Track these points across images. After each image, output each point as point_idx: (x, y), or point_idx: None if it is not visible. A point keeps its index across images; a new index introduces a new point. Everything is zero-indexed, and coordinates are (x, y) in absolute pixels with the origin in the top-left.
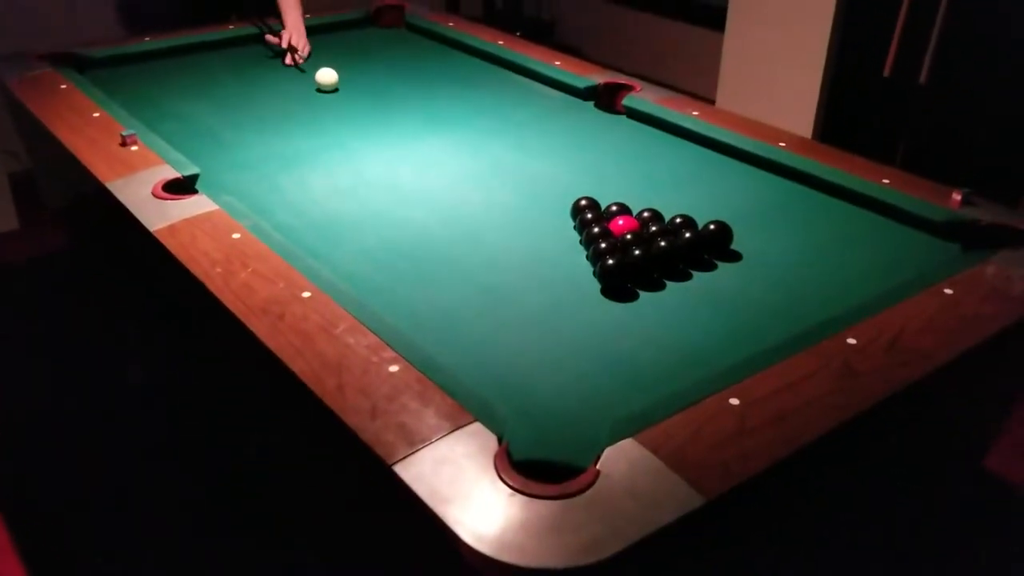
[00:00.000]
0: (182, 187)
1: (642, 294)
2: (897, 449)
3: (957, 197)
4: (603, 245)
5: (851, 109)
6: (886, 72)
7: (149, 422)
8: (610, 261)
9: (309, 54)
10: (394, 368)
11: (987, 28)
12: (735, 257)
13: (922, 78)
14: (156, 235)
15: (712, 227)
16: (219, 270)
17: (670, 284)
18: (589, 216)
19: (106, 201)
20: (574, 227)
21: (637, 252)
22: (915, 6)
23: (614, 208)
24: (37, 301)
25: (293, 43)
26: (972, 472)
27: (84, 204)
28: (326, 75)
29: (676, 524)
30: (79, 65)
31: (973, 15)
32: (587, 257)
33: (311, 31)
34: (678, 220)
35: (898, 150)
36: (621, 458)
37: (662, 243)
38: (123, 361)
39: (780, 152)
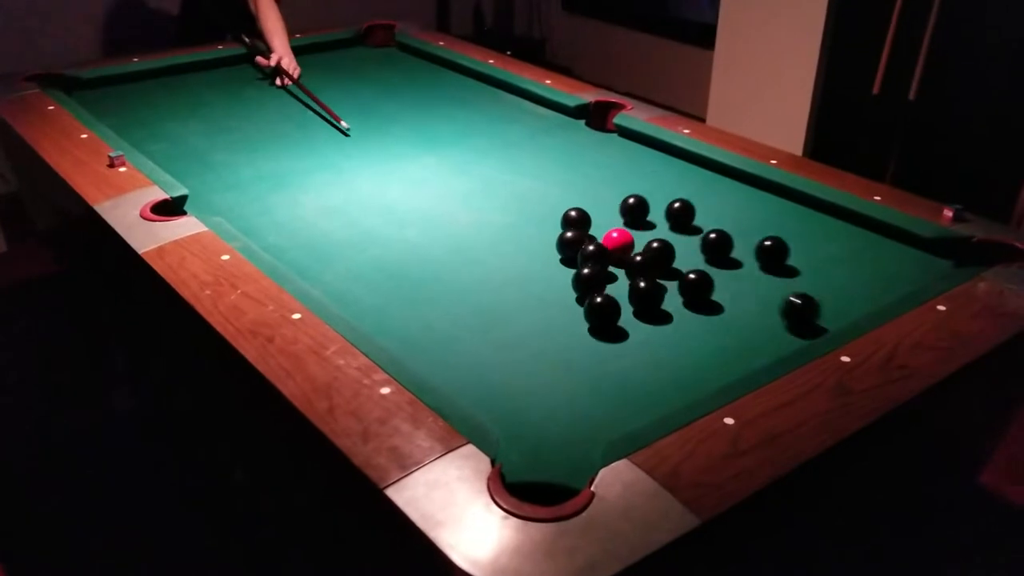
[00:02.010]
0: (171, 208)
1: (634, 313)
2: (892, 465)
3: (949, 214)
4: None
5: (841, 126)
6: (875, 89)
7: (137, 444)
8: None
9: (299, 76)
10: (386, 390)
11: (974, 44)
12: (728, 274)
13: (911, 95)
14: (144, 257)
15: (712, 235)
16: (208, 292)
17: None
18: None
19: (94, 223)
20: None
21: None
22: (903, 23)
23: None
24: (25, 324)
25: (283, 65)
26: (968, 488)
27: (72, 226)
28: None
29: (672, 546)
30: (67, 86)
31: (960, 31)
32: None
33: (301, 50)
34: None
35: (888, 167)
36: (615, 480)
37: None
38: (112, 384)
39: (771, 169)
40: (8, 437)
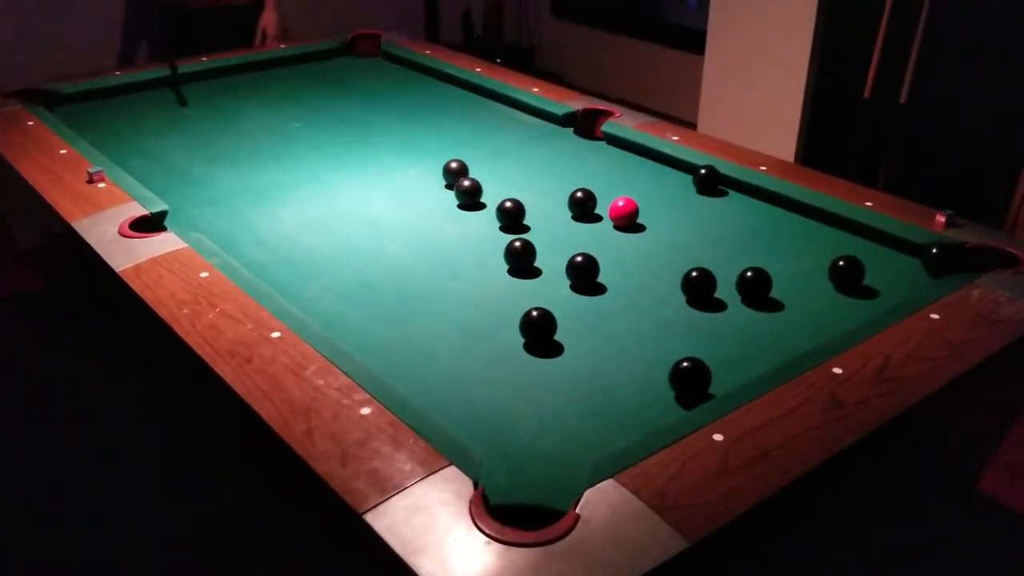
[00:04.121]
0: (150, 225)
1: (622, 327)
2: (888, 477)
3: (941, 219)
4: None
5: (832, 130)
6: (866, 93)
7: (126, 457)
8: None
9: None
10: (366, 411)
11: (964, 47)
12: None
13: (902, 98)
14: (121, 275)
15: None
16: (186, 311)
17: (649, 316)
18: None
19: (73, 240)
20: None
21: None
22: (893, 26)
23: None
24: (10, 343)
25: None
26: (966, 496)
27: (54, 243)
28: None
29: (659, 569)
30: (48, 101)
31: (950, 34)
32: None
33: (286, 61)
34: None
35: (880, 171)
36: (601, 501)
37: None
38: (98, 401)
39: (761, 176)
40: None
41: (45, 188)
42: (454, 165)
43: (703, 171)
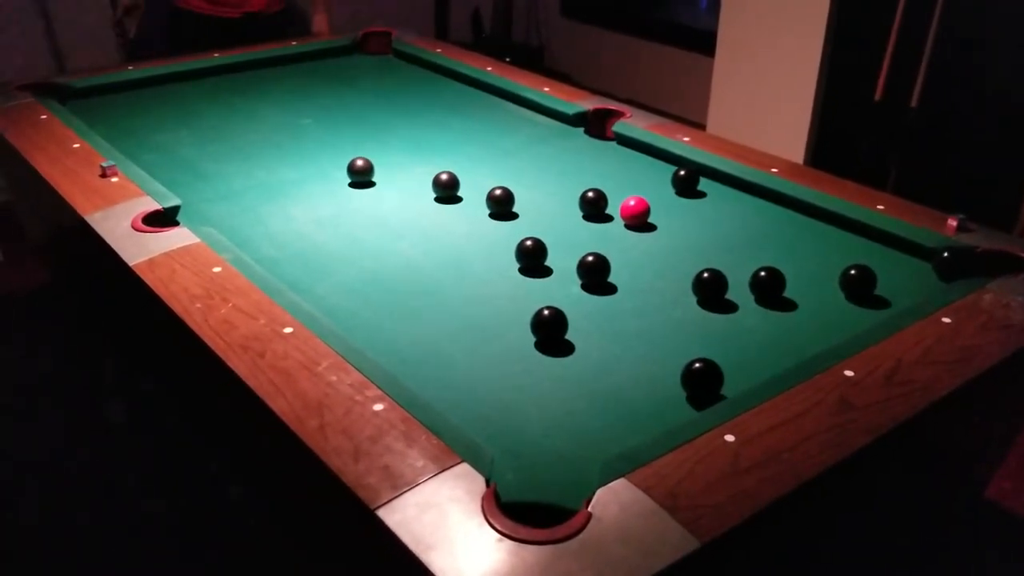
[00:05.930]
0: (163, 219)
1: (633, 327)
2: (897, 481)
3: (952, 223)
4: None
5: (842, 133)
6: (877, 96)
7: (130, 456)
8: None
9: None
10: (378, 407)
11: (976, 50)
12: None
13: (913, 101)
14: (135, 269)
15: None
16: (199, 305)
17: (659, 317)
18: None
19: (85, 234)
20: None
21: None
22: (905, 29)
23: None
24: (19, 336)
25: None
26: (974, 502)
27: (65, 237)
28: None
29: (670, 569)
30: (60, 95)
31: (962, 37)
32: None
33: (297, 58)
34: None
35: (890, 174)
36: (613, 500)
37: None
38: (106, 395)
39: (772, 178)
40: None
41: (58, 181)
42: (360, 163)
43: (682, 172)
